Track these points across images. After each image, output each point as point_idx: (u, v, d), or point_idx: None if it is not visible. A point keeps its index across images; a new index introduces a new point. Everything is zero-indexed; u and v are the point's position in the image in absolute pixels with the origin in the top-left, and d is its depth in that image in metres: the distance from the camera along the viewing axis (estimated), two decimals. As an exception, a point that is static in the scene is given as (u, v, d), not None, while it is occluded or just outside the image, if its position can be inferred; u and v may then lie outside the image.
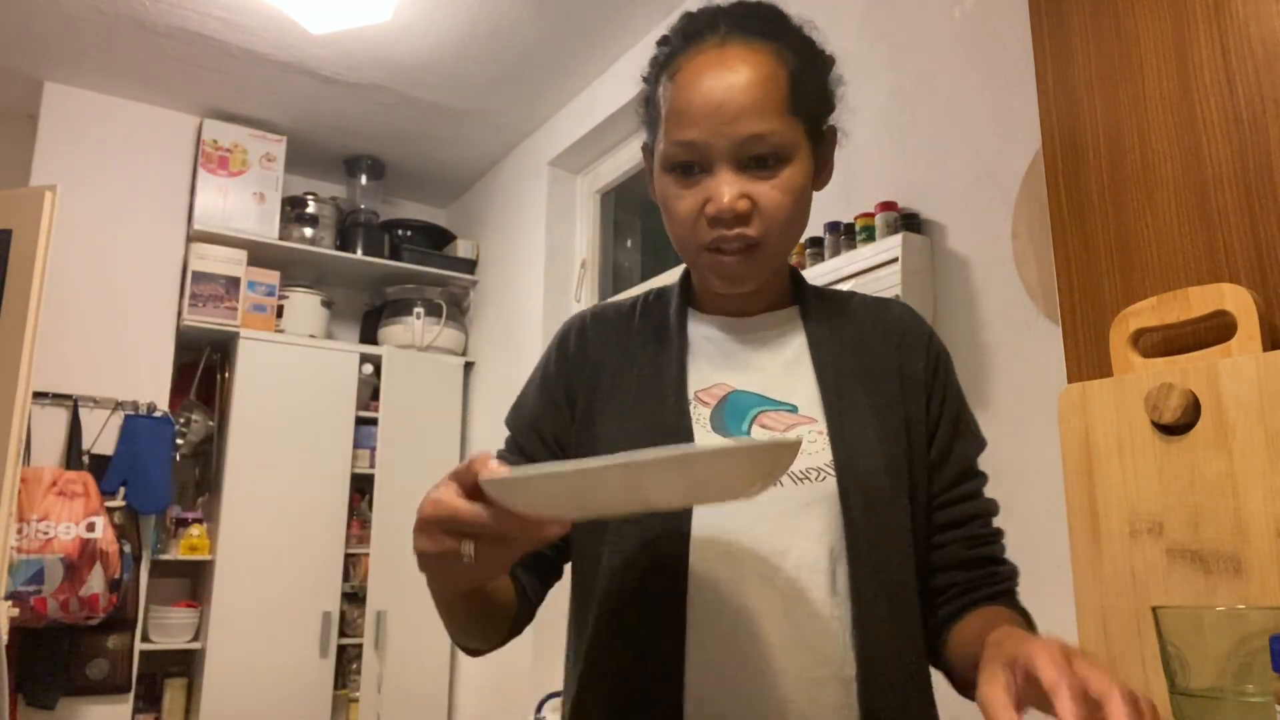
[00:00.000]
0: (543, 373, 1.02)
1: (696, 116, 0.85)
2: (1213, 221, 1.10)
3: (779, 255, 0.90)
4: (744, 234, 0.86)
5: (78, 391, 3.10)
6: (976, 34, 1.81)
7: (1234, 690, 0.68)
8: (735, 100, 0.84)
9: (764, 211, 0.86)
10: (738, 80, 0.85)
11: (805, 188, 0.89)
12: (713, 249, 0.87)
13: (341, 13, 2.73)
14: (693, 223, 0.87)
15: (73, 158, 3.24)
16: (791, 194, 0.87)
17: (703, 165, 0.86)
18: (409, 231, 3.91)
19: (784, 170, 0.86)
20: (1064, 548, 1.50)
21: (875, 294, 1.78)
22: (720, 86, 0.85)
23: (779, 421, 0.89)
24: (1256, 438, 0.97)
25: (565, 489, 0.65)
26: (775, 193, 0.86)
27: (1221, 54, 1.11)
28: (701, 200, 0.86)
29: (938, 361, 0.96)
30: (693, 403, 0.90)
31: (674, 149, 0.87)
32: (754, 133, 0.84)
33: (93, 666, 2.94)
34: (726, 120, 0.84)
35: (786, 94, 0.87)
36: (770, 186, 0.86)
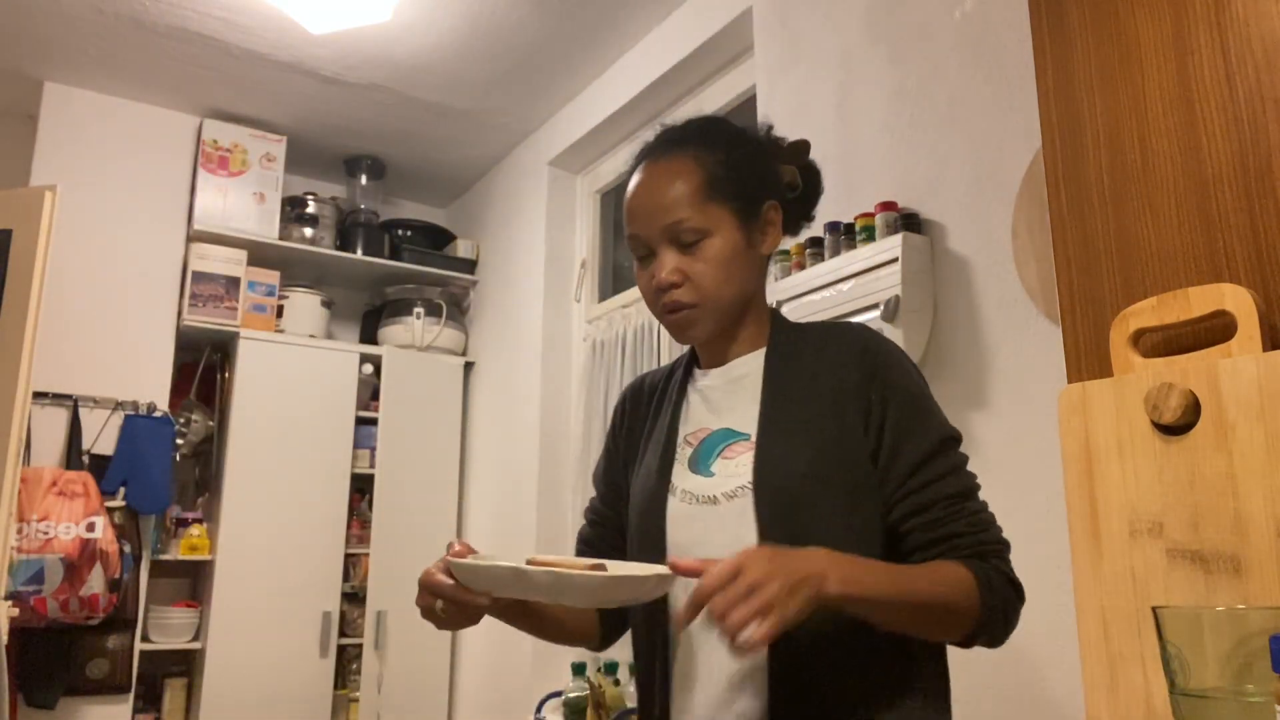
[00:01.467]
0: (607, 436, 1.29)
1: (634, 213, 1.12)
2: (1213, 221, 1.10)
3: (718, 311, 1.11)
4: (678, 300, 1.09)
5: (78, 391, 3.10)
6: (976, 34, 1.81)
7: (1234, 690, 0.68)
8: (659, 195, 1.10)
9: (694, 279, 1.09)
10: (659, 182, 1.10)
11: (733, 255, 1.10)
12: (665, 312, 1.12)
13: (341, 13, 2.73)
14: (650, 295, 1.13)
15: (73, 158, 3.24)
16: (715, 263, 1.09)
17: (649, 250, 1.11)
18: (409, 231, 3.91)
19: (706, 244, 1.09)
20: (1064, 548, 1.49)
21: (874, 294, 1.79)
22: (650, 187, 1.11)
23: (737, 449, 1.09)
24: (1256, 438, 0.97)
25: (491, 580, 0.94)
26: (700, 264, 1.08)
27: (1221, 54, 1.11)
28: (650, 277, 1.11)
29: (874, 369, 1.08)
30: (681, 445, 1.14)
31: (630, 242, 1.13)
32: (674, 219, 1.08)
33: (93, 666, 2.94)
34: (652, 212, 1.10)
35: (702, 184, 1.09)
36: (695, 260, 1.09)
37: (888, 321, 1.77)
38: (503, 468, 3.45)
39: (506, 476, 3.40)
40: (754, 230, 1.13)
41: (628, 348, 2.96)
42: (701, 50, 2.69)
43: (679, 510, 1.09)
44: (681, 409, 1.17)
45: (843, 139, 2.10)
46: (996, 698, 1.62)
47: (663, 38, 2.85)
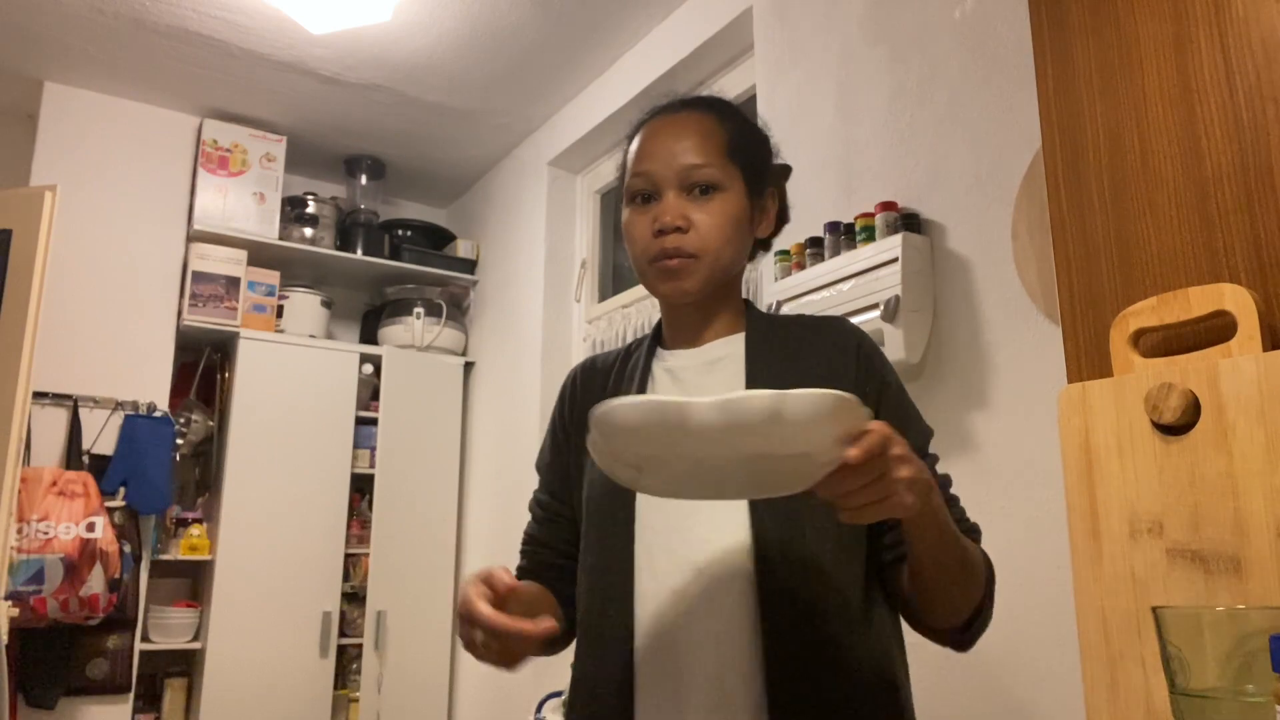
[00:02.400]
0: (552, 420, 1.22)
1: (652, 152, 1.09)
2: (1213, 221, 1.10)
3: (714, 269, 1.07)
4: (680, 246, 1.05)
5: (78, 391, 3.10)
6: (976, 34, 1.81)
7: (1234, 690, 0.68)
8: (681, 140, 1.08)
9: (699, 229, 1.05)
10: (683, 129, 1.09)
11: (738, 219, 1.08)
12: (659, 258, 1.06)
13: (341, 13, 2.73)
14: (645, 239, 1.07)
15: (73, 158, 3.24)
16: (723, 218, 1.06)
17: (655, 193, 1.07)
18: (409, 231, 3.91)
19: (718, 198, 1.07)
20: (1064, 548, 1.50)
21: (874, 294, 1.79)
22: (670, 132, 1.10)
23: None
24: (1256, 438, 0.97)
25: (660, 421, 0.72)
26: (708, 216, 1.06)
27: (1221, 54, 1.11)
28: (652, 219, 1.06)
29: (868, 361, 1.09)
30: None
31: (634, 180, 1.09)
32: (693, 163, 1.06)
33: (93, 666, 2.94)
34: (673, 154, 1.07)
35: (723, 142, 1.09)
36: (706, 212, 1.06)
37: (888, 321, 1.77)
38: (503, 468, 3.45)
39: (506, 476, 3.40)
40: (756, 207, 1.12)
41: (628, 348, 2.96)
42: (701, 50, 2.69)
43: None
44: (647, 388, 1.12)
45: (843, 139, 2.10)
46: (996, 698, 1.62)
47: (663, 38, 2.85)
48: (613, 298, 3.22)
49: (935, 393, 1.80)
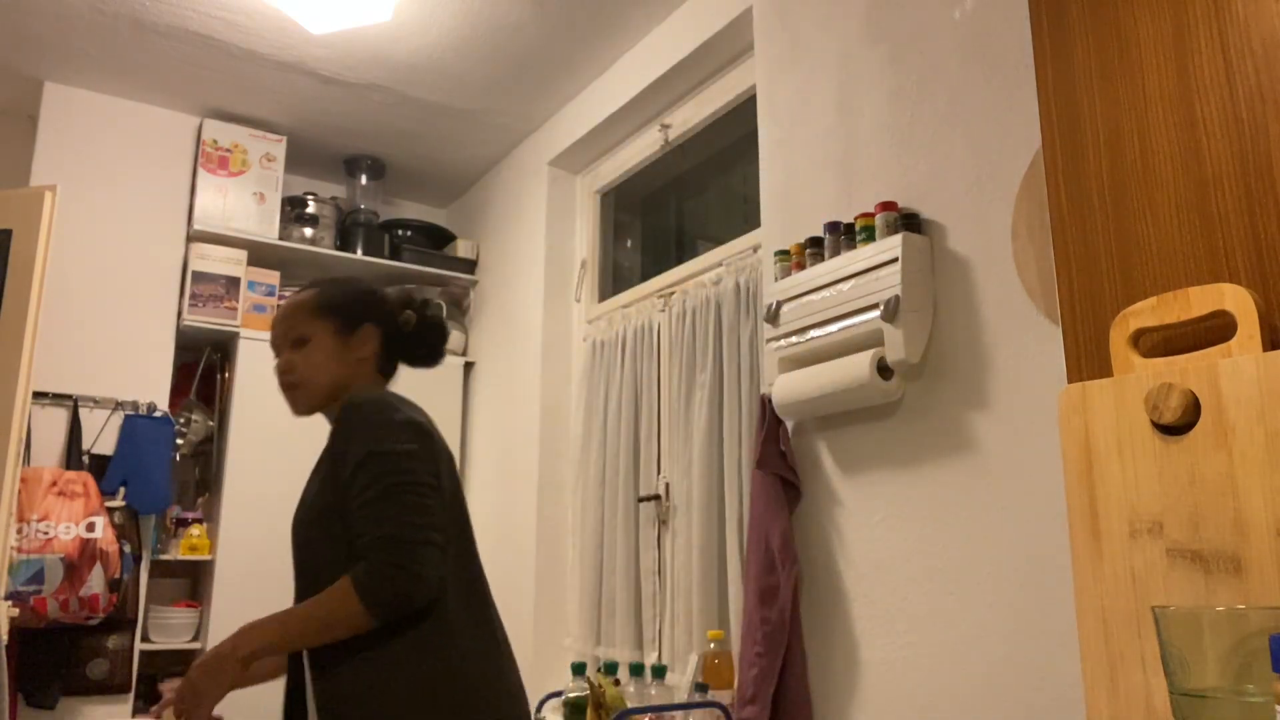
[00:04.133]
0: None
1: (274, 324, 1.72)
2: (1213, 221, 1.10)
3: (313, 389, 1.67)
4: (288, 380, 1.68)
5: (78, 391, 3.10)
6: (976, 34, 1.81)
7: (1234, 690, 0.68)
8: (282, 318, 1.69)
9: (298, 369, 1.67)
10: (287, 306, 1.69)
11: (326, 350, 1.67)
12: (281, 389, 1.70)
13: (341, 13, 2.73)
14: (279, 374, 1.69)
15: (73, 158, 3.24)
16: (313, 357, 1.66)
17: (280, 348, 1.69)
18: (409, 231, 3.91)
19: (307, 346, 1.66)
20: (1064, 548, 1.50)
21: (874, 294, 1.79)
22: (282, 310, 1.70)
23: None
24: (1256, 438, 0.97)
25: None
26: (301, 358, 1.66)
27: (1221, 54, 1.11)
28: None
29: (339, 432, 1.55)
30: None
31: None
32: (289, 328, 1.68)
33: (93, 666, 2.94)
34: (278, 323, 1.70)
35: (315, 307, 1.68)
36: (300, 355, 1.67)
37: (888, 321, 1.77)
38: (503, 468, 3.45)
39: (506, 476, 3.40)
40: (347, 338, 1.69)
41: (628, 348, 2.96)
42: (701, 50, 2.69)
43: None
44: None
45: (843, 139, 2.10)
46: (996, 697, 1.62)
47: (663, 38, 2.85)
48: (613, 298, 3.22)
49: (935, 393, 1.80)
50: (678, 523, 2.55)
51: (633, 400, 2.88)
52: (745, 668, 1.96)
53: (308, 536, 1.51)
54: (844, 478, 1.98)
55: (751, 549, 2.01)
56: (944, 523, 1.75)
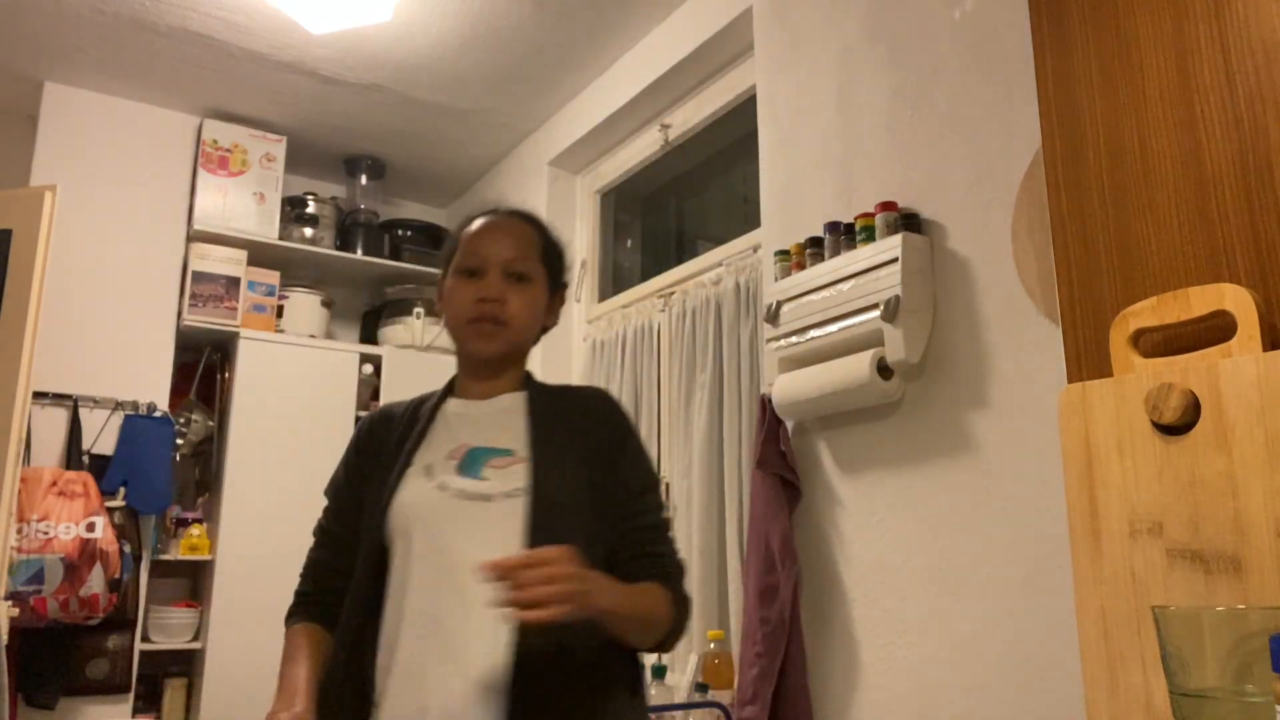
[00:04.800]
0: (349, 452, 1.43)
1: (483, 240, 1.37)
2: (1213, 221, 1.10)
3: (515, 338, 1.35)
4: (499, 316, 1.32)
5: (78, 391, 3.10)
6: (976, 34, 1.81)
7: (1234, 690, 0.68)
8: (509, 236, 1.38)
9: (512, 306, 1.33)
10: (511, 229, 1.39)
11: (539, 305, 1.38)
12: (475, 320, 1.33)
13: (341, 13, 2.73)
14: (468, 303, 1.33)
15: (73, 158, 3.24)
16: (531, 304, 1.36)
17: (481, 272, 1.34)
18: (409, 231, 3.91)
19: (529, 288, 1.36)
20: (1064, 548, 1.50)
21: (874, 294, 1.79)
22: (500, 228, 1.39)
23: (503, 461, 1.29)
24: (1256, 438, 0.97)
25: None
26: (520, 297, 1.34)
27: (1221, 54, 1.11)
28: (476, 290, 1.33)
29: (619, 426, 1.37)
30: (445, 459, 1.30)
31: (467, 259, 1.35)
32: (515, 256, 1.35)
33: (93, 666, 2.94)
34: (499, 245, 1.36)
35: (540, 248, 1.39)
36: (518, 292, 1.34)
37: (888, 321, 1.77)
38: (503, 468, 3.44)
39: (506, 476, 3.39)
40: (552, 302, 1.42)
41: (628, 348, 2.96)
42: (701, 50, 2.69)
43: (450, 504, 1.25)
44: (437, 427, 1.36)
45: (843, 139, 2.10)
46: (996, 697, 1.62)
47: (663, 38, 2.85)
48: (613, 298, 3.22)
49: (935, 393, 1.80)
50: (678, 523, 2.55)
51: (633, 400, 2.88)
52: (745, 668, 1.96)
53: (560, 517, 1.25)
54: (844, 478, 1.98)
55: (751, 549, 2.01)
56: (944, 523, 1.75)
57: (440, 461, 1.30)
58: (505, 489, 1.25)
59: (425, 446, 1.33)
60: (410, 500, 1.26)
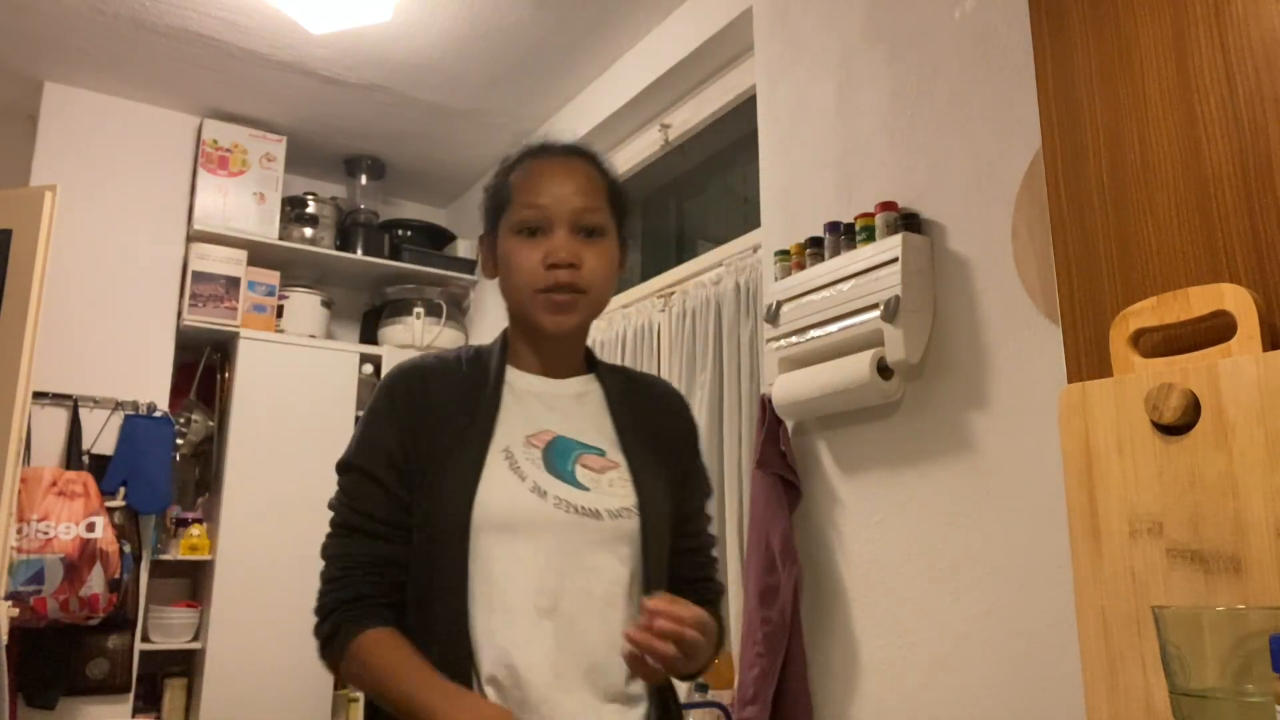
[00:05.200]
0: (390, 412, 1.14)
1: (546, 189, 1.13)
2: (1213, 221, 1.10)
3: (594, 306, 1.15)
4: (574, 283, 1.11)
5: (78, 391, 3.10)
6: (976, 34, 1.81)
7: (1234, 690, 0.68)
8: (575, 183, 1.14)
9: (588, 269, 1.12)
10: (577, 173, 1.16)
11: (615, 262, 1.17)
12: (546, 290, 1.11)
13: (341, 13, 2.73)
14: (534, 270, 1.11)
15: (73, 158, 3.23)
16: (609, 262, 1.15)
17: (545, 228, 1.12)
18: (409, 231, 3.91)
19: (604, 242, 1.15)
20: (1064, 548, 1.50)
21: (874, 294, 1.79)
22: (565, 173, 1.15)
23: (595, 463, 1.14)
24: (1256, 438, 0.97)
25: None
26: (597, 257, 1.13)
27: (1221, 54, 1.11)
28: (543, 253, 1.11)
29: (694, 430, 1.27)
30: (524, 444, 1.12)
31: (526, 212, 1.13)
32: (587, 206, 1.13)
33: (93, 666, 2.94)
34: (567, 195, 1.13)
35: (607, 194, 1.17)
36: (594, 251, 1.13)
37: (888, 321, 1.77)
38: (503, 468, 3.44)
39: (506, 476, 3.39)
40: (622, 255, 1.20)
41: (627, 347, 2.96)
42: (701, 50, 2.69)
43: (553, 515, 1.08)
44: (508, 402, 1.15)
45: (843, 139, 2.10)
46: (996, 697, 1.62)
47: (663, 38, 2.85)
48: (613, 297, 3.22)
49: (935, 393, 1.80)
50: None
51: (633, 400, 2.88)
52: (745, 668, 1.96)
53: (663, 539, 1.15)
54: (844, 478, 1.98)
55: (751, 549, 2.01)
56: (944, 523, 1.75)
57: (520, 447, 1.11)
58: (612, 506, 1.10)
59: (499, 424, 1.12)
60: (504, 501, 1.07)
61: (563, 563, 1.07)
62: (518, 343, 1.20)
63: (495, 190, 1.19)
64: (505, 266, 1.15)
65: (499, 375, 1.16)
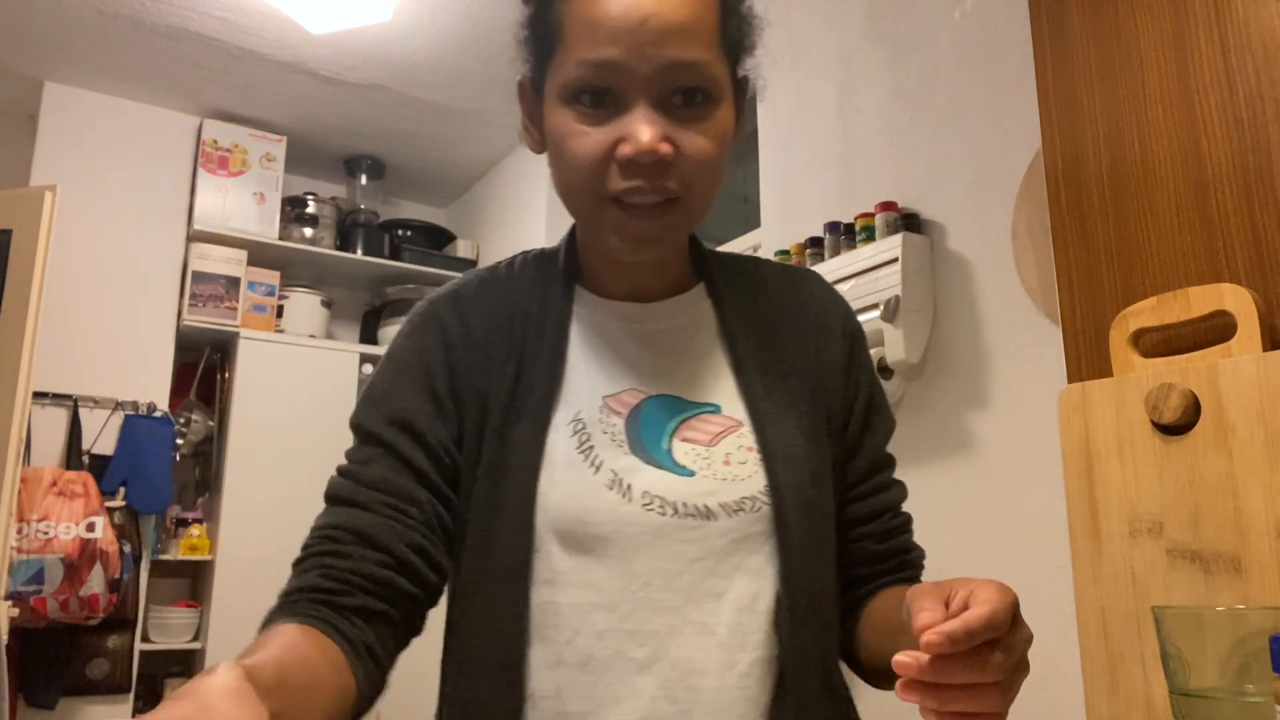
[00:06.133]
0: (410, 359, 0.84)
1: (615, 31, 0.67)
2: (1213, 221, 1.10)
3: (697, 217, 0.75)
4: (663, 186, 0.69)
5: (78, 391, 3.10)
6: (976, 35, 1.81)
7: (1234, 690, 0.68)
8: (664, 15, 0.67)
9: (689, 160, 0.70)
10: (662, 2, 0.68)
11: (730, 140, 0.76)
12: (621, 202, 0.70)
13: (341, 13, 2.73)
14: (598, 167, 0.70)
15: (73, 158, 3.23)
16: (719, 143, 0.72)
17: (616, 95, 0.69)
18: (409, 231, 3.91)
19: (713, 113, 0.71)
20: (1064, 548, 1.49)
21: (874, 294, 1.79)
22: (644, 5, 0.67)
23: (703, 430, 0.76)
24: (1256, 438, 0.97)
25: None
26: (702, 139, 0.70)
27: (1221, 54, 1.11)
28: (612, 140, 0.69)
29: (854, 342, 0.85)
30: (601, 410, 0.77)
31: (582, 71, 0.69)
32: (684, 59, 0.68)
33: (93, 666, 2.94)
34: (653, 39, 0.67)
35: (718, 22, 0.72)
36: (697, 132, 0.70)
37: (888, 321, 1.77)
38: (503, 468, 3.44)
39: (506, 476, 3.39)
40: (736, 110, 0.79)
41: (628, 348, 2.95)
42: (701, 50, 2.68)
43: (641, 520, 0.72)
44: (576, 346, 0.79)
45: (843, 139, 2.10)
46: (996, 698, 1.62)
47: (663, 38, 2.84)
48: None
49: (935, 393, 1.80)
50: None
51: (633, 400, 2.87)
52: (745, 668, 1.95)
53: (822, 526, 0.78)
54: (844, 478, 1.98)
55: (751, 549, 2.00)
56: (944, 523, 1.75)
57: (595, 414, 0.76)
58: (731, 496, 0.73)
59: (566, 380, 0.78)
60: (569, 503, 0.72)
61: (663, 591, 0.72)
62: (589, 254, 0.82)
63: (537, 17, 0.77)
64: (555, 150, 0.75)
65: (565, 305, 0.80)
